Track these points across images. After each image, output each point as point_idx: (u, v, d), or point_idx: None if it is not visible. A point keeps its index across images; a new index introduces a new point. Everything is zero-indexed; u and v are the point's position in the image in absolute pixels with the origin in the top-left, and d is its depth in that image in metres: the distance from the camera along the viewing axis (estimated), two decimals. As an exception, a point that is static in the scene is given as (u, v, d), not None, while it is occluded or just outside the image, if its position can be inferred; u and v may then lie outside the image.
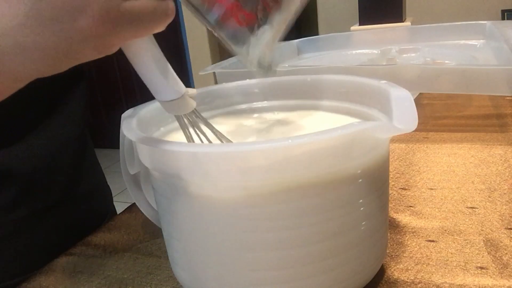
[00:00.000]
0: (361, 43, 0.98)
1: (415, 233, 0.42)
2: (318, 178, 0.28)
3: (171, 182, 0.31)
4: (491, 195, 0.47)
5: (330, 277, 0.31)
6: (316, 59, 0.95)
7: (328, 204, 0.29)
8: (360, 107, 0.39)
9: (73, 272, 0.43)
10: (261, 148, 0.26)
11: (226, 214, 0.29)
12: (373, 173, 0.31)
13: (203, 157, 0.28)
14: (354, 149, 0.28)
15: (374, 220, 0.32)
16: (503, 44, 0.71)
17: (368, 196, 0.31)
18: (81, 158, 0.59)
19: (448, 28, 0.92)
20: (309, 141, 0.26)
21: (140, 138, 0.30)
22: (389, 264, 0.38)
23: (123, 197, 2.56)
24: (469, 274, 0.35)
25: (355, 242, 0.31)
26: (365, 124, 0.27)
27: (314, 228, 0.29)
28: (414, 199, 0.48)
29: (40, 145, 0.51)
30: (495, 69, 0.57)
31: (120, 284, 0.40)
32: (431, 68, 0.63)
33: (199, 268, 0.32)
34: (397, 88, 0.33)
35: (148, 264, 0.42)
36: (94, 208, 0.60)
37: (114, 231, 0.49)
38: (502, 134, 0.63)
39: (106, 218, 0.60)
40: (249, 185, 0.28)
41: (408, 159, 0.58)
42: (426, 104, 0.82)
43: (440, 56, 0.81)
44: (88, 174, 0.60)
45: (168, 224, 0.34)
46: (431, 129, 0.68)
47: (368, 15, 1.85)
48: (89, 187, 0.60)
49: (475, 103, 0.79)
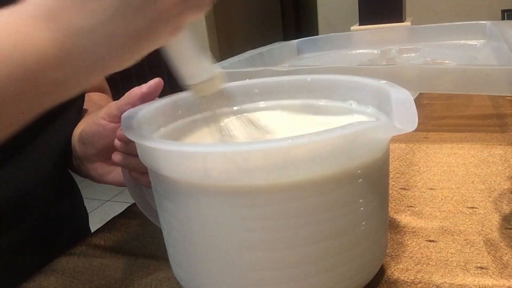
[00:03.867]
0: (361, 43, 0.98)
1: (415, 233, 0.42)
2: (318, 178, 0.28)
3: (171, 182, 0.31)
4: (491, 195, 0.47)
5: (330, 277, 0.31)
6: (316, 59, 0.95)
7: (328, 204, 0.29)
8: (360, 107, 0.39)
9: (73, 272, 0.43)
10: (261, 148, 0.26)
11: (225, 214, 0.29)
12: (373, 173, 0.31)
13: (203, 157, 0.28)
14: (354, 149, 0.28)
15: (374, 220, 0.32)
16: (503, 44, 0.71)
17: (368, 196, 0.31)
18: (61, 188, 0.55)
19: (448, 28, 0.92)
20: (309, 141, 0.26)
21: (140, 138, 0.30)
22: (389, 264, 0.38)
23: (123, 197, 2.56)
24: (469, 274, 0.35)
25: (355, 242, 0.31)
26: (365, 124, 0.27)
27: (314, 228, 0.29)
28: (414, 199, 0.48)
29: (15, 178, 0.47)
30: (495, 69, 0.57)
31: (120, 284, 0.40)
32: (431, 68, 0.63)
33: (199, 268, 0.32)
34: (397, 88, 0.33)
35: (148, 264, 0.42)
36: (68, 237, 0.55)
37: (114, 231, 0.49)
38: (502, 134, 0.63)
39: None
40: (249, 185, 0.28)
41: (408, 159, 0.58)
42: (426, 104, 0.82)
43: (440, 56, 0.81)
44: (67, 204, 0.57)
45: (168, 224, 0.34)
46: (431, 129, 0.68)
47: (368, 15, 1.85)
48: (67, 216, 0.57)
49: (475, 103, 0.79)
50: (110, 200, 2.57)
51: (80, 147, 0.48)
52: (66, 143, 0.51)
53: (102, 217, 2.30)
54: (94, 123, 0.43)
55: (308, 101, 0.43)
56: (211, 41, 2.90)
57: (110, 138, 0.42)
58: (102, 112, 0.42)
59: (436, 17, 2.23)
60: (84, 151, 0.47)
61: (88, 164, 0.48)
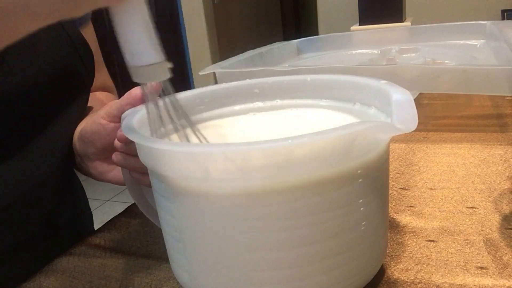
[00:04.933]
0: (361, 43, 0.98)
1: (415, 233, 0.42)
2: (318, 178, 0.28)
3: (171, 182, 0.31)
4: (491, 195, 0.47)
5: (330, 277, 0.31)
6: (316, 59, 0.95)
7: (328, 204, 0.29)
8: (360, 107, 0.39)
9: (73, 272, 0.43)
10: (261, 148, 0.26)
11: (226, 214, 0.29)
12: (373, 173, 0.31)
13: (202, 157, 0.28)
14: (354, 149, 0.28)
15: (374, 220, 0.32)
16: (503, 44, 0.71)
17: (368, 196, 0.31)
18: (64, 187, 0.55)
19: (448, 28, 0.92)
20: (309, 141, 0.26)
21: (140, 138, 0.30)
22: (389, 264, 0.38)
23: (123, 197, 2.56)
24: (469, 274, 0.35)
25: (355, 242, 0.31)
26: (365, 124, 0.27)
27: (314, 228, 0.29)
28: (414, 199, 0.48)
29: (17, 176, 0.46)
30: (495, 69, 0.57)
31: (120, 284, 0.40)
32: (431, 68, 0.63)
33: (199, 268, 0.32)
34: (397, 88, 0.33)
35: (148, 264, 0.42)
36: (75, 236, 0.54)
37: (114, 231, 0.49)
38: (502, 134, 0.63)
39: None
40: (249, 185, 0.28)
41: (408, 159, 0.58)
42: (426, 104, 0.82)
43: (440, 56, 0.81)
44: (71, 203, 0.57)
45: (168, 224, 0.34)
46: (431, 129, 0.68)
47: (368, 15, 1.85)
48: (71, 216, 0.57)
49: (475, 103, 0.79)
50: (110, 200, 2.57)
51: (80, 145, 0.48)
52: (68, 142, 0.51)
53: (102, 217, 2.30)
54: (94, 122, 0.43)
55: (308, 101, 0.43)
56: (211, 41, 2.90)
57: (110, 137, 0.42)
58: (102, 111, 0.42)
59: (436, 17, 2.23)
60: (84, 149, 0.47)
61: (88, 162, 0.48)
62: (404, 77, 0.60)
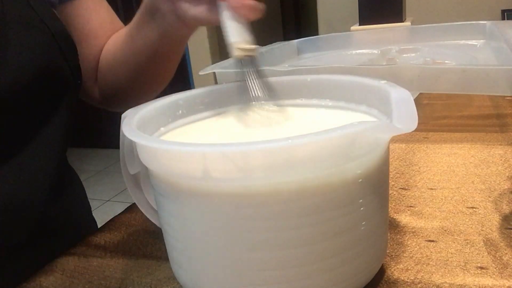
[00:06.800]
0: (361, 43, 0.98)
1: (415, 233, 0.42)
2: (318, 178, 0.28)
3: (171, 182, 0.31)
4: (491, 195, 0.47)
5: (330, 277, 0.31)
6: (316, 59, 0.94)
7: (328, 204, 0.29)
8: (360, 107, 0.39)
9: (73, 272, 0.43)
10: (261, 148, 0.26)
11: (226, 214, 0.29)
12: (373, 173, 0.31)
13: (202, 156, 0.28)
14: (354, 149, 0.28)
15: (374, 220, 0.32)
16: (503, 44, 0.71)
17: (368, 196, 0.31)
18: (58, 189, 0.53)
19: (448, 28, 0.92)
20: (309, 141, 0.26)
21: (140, 138, 0.30)
22: (389, 264, 0.38)
23: (123, 197, 2.56)
24: (469, 274, 0.35)
25: (355, 242, 0.31)
26: (365, 124, 0.27)
27: (314, 228, 0.29)
28: (414, 199, 0.48)
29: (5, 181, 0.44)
30: (495, 69, 0.57)
31: (120, 284, 0.40)
32: (431, 68, 0.63)
33: (199, 268, 0.32)
34: (397, 88, 0.33)
35: (148, 264, 0.42)
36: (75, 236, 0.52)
37: (114, 231, 0.49)
38: (502, 134, 0.63)
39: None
40: (249, 185, 0.28)
41: (408, 159, 0.58)
42: (426, 104, 0.82)
43: (440, 56, 0.80)
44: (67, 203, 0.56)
45: (168, 224, 0.34)
46: (431, 129, 0.68)
47: (368, 15, 1.85)
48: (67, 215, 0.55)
49: (475, 103, 0.79)
50: (110, 200, 2.57)
51: None
52: (60, 144, 0.49)
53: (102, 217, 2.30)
54: None
55: (308, 101, 0.43)
56: (211, 41, 2.90)
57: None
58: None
59: (436, 17, 2.23)
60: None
61: (171, 4, 0.49)
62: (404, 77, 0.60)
